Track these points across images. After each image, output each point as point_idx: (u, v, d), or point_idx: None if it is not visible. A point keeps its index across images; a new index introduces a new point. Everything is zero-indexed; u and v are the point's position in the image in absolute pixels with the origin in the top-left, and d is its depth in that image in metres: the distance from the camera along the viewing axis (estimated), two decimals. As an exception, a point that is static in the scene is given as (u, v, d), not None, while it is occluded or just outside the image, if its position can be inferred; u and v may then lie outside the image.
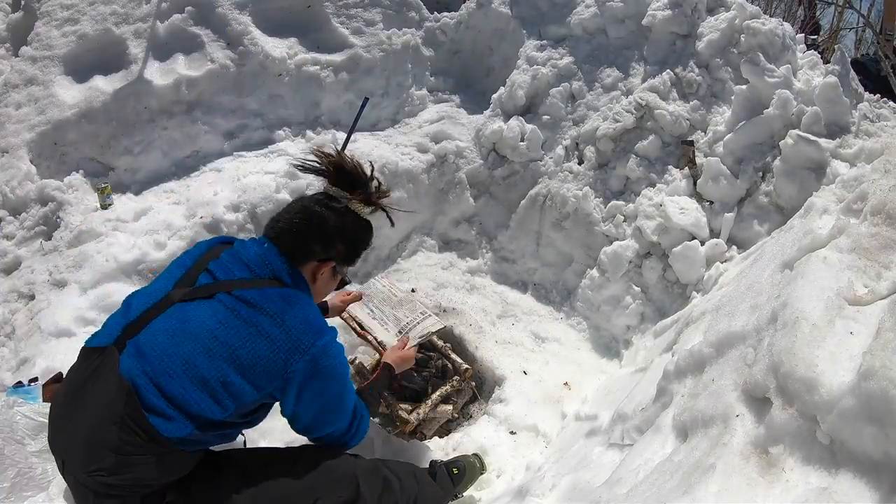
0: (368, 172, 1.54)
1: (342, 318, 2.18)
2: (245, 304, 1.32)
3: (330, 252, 1.48)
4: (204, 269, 1.39)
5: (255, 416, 1.42)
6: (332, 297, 2.10)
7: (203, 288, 1.35)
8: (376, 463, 1.63)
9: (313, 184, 3.06)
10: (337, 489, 1.47)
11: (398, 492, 1.61)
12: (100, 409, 1.23)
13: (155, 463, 1.25)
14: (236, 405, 1.29)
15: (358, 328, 2.11)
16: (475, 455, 2.15)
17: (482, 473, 2.13)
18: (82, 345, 1.36)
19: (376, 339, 2.07)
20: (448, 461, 2.04)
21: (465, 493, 2.03)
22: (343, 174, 1.51)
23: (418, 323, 2.08)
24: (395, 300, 2.16)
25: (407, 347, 1.99)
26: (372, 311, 2.15)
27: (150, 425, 1.21)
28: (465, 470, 2.02)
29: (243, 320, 1.30)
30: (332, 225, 1.46)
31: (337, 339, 1.41)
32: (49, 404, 1.43)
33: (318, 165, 1.52)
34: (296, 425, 1.45)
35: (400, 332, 2.07)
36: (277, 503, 1.39)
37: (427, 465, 1.97)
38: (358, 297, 2.19)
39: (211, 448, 1.42)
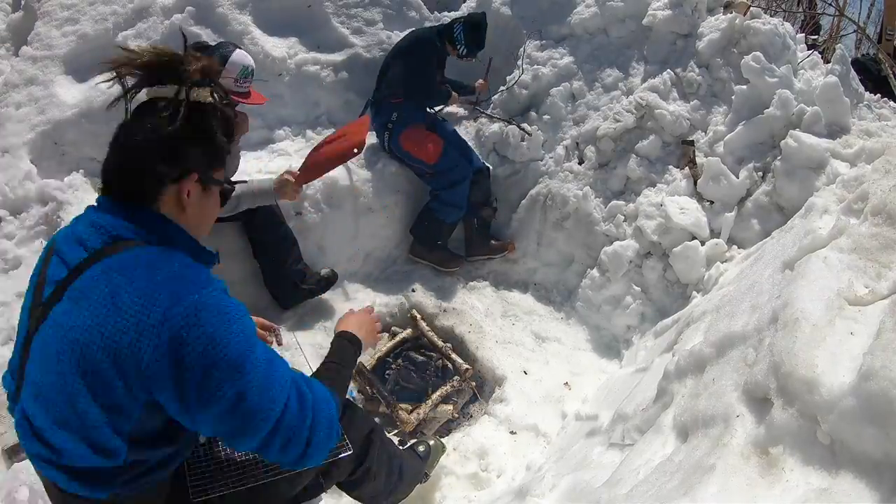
0: (178, 51, 1.12)
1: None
2: (71, 304, 0.98)
3: (182, 163, 1.07)
4: (45, 280, 1.06)
5: (175, 436, 1.08)
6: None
7: (46, 304, 1.02)
8: (374, 426, 1.67)
9: (313, 184, 3.06)
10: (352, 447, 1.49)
11: (393, 459, 1.67)
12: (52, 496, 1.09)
13: None
14: (122, 442, 0.97)
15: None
16: (435, 436, 2.21)
17: (443, 452, 2.17)
18: None
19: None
20: (413, 442, 2.11)
21: (430, 474, 2.08)
22: (153, 68, 1.07)
23: None
24: None
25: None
26: None
27: (80, 497, 1.01)
28: (431, 450, 2.08)
29: (71, 331, 0.96)
30: (168, 131, 1.04)
31: (217, 295, 1.00)
32: None
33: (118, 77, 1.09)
34: (204, 434, 1.13)
35: None
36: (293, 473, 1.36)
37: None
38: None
39: None
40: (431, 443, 2.12)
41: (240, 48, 2.30)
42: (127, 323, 0.94)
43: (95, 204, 1.09)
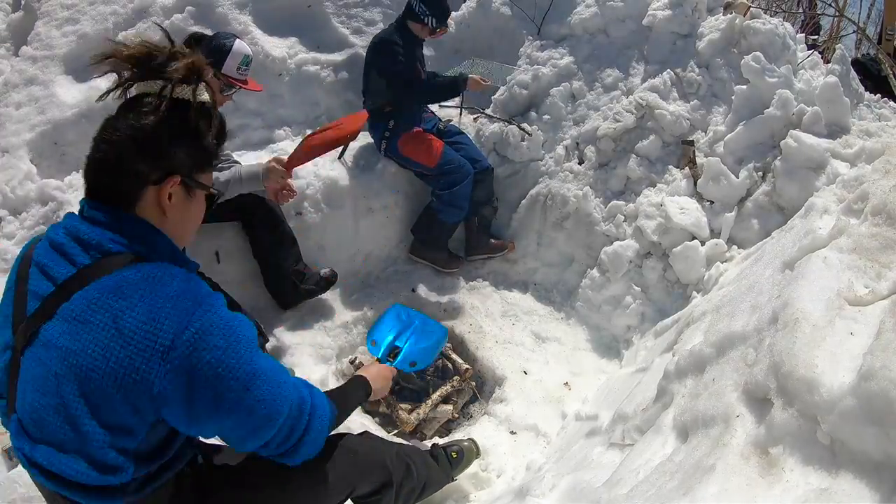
0: (165, 45, 1.06)
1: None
2: (68, 326, 0.95)
3: (164, 163, 1.04)
4: (26, 294, 1.01)
5: (172, 443, 1.09)
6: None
7: (33, 321, 0.99)
8: (399, 449, 1.68)
9: (313, 184, 3.06)
10: (370, 477, 1.51)
11: (415, 477, 1.67)
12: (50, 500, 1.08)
13: None
14: (128, 460, 0.98)
15: None
16: (470, 440, 2.22)
17: (477, 457, 2.19)
18: None
19: None
20: (447, 444, 2.11)
21: (458, 477, 2.09)
22: (141, 64, 1.03)
23: None
24: None
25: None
26: None
27: None
28: (463, 454, 2.10)
29: (71, 356, 0.94)
30: (148, 128, 1.01)
31: (220, 313, 1.00)
32: None
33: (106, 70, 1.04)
34: (207, 437, 1.12)
35: None
36: (316, 495, 1.38)
37: (428, 448, 2.05)
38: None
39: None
40: (465, 444, 2.15)
41: (238, 38, 2.43)
42: (133, 349, 0.93)
43: (80, 208, 1.05)
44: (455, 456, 2.05)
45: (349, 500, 1.50)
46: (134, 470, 0.99)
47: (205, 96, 1.07)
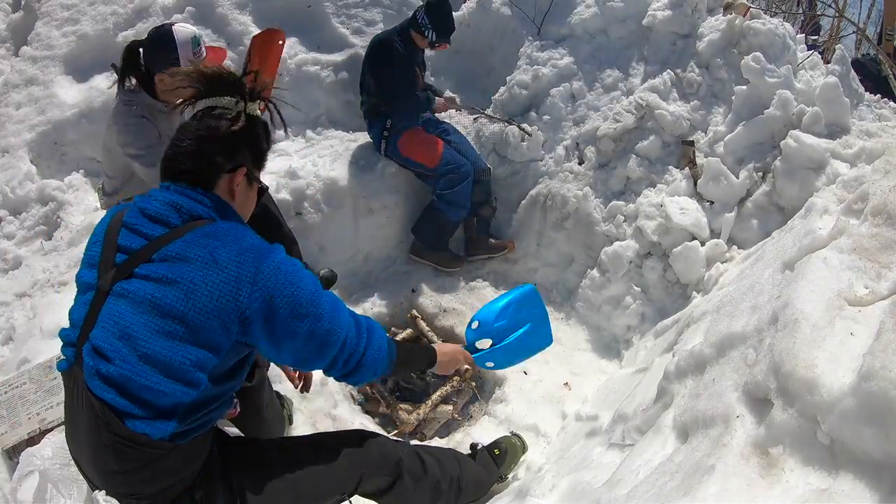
0: (238, 72, 1.38)
1: None
2: (168, 264, 1.18)
3: (236, 158, 1.34)
4: (116, 248, 1.24)
5: (237, 373, 1.33)
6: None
7: (123, 267, 1.21)
8: (415, 447, 1.69)
9: (313, 184, 3.06)
10: (381, 468, 1.54)
11: (438, 473, 1.67)
12: (93, 441, 1.20)
13: (169, 461, 1.22)
14: (206, 376, 1.19)
15: None
16: (515, 435, 2.16)
17: (524, 452, 2.14)
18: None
19: None
20: (489, 443, 2.06)
21: (509, 475, 2.04)
22: (213, 83, 1.33)
23: None
24: None
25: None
26: None
27: (139, 435, 1.16)
28: (507, 450, 2.04)
29: (173, 283, 1.16)
30: (226, 131, 1.30)
31: (285, 255, 1.27)
32: None
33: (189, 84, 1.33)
34: (283, 362, 1.39)
35: None
36: (325, 482, 1.44)
37: (468, 451, 2.01)
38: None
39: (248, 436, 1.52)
40: (512, 440, 2.10)
41: (174, 24, 2.27)
42: (227, 275, 1.17)
43: (163, 186, 1.30)
44: (498, 453, 2.00)
45: (360, 495, 1.54)
46: (205, 386, 1.19)
47: (259, 112, 1.39)
